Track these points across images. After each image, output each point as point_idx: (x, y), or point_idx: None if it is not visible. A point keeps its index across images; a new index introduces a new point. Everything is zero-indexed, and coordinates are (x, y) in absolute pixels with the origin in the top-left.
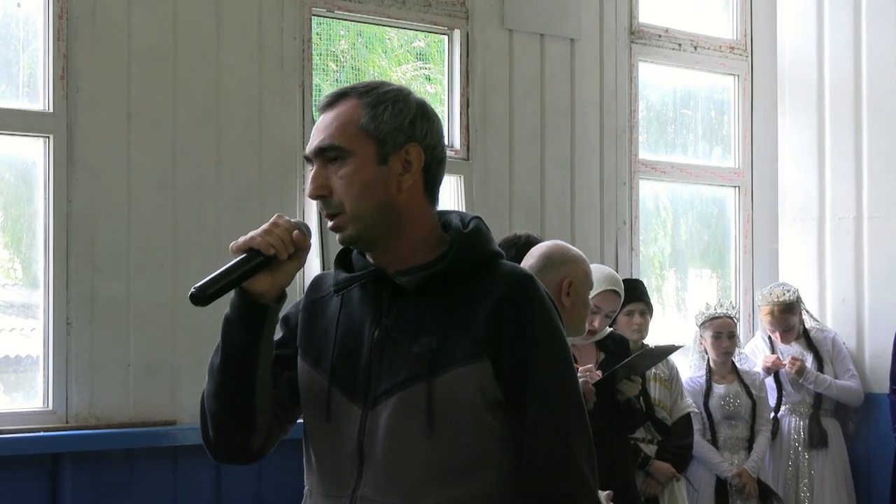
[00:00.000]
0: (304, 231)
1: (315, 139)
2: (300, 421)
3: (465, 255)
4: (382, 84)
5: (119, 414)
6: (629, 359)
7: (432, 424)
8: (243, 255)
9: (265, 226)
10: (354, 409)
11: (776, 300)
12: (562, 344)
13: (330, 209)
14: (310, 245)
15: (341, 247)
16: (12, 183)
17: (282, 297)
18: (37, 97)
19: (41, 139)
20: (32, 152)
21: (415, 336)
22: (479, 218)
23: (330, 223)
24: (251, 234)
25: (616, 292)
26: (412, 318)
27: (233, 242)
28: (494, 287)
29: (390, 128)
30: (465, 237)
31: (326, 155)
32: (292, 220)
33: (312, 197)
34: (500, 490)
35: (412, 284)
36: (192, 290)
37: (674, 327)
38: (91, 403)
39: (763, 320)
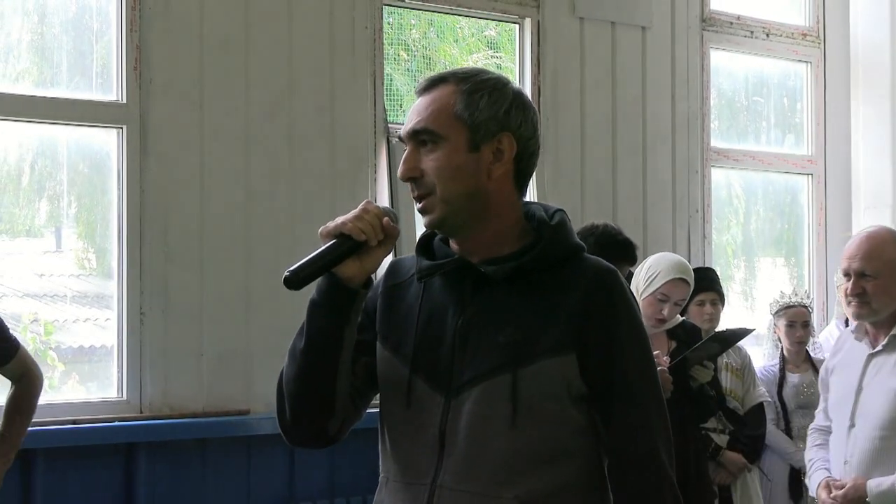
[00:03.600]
0: (394, 218)
1: (410, 121)
2: (374, 409)
3: (553, 248)
4: (482, 72)
5: (193, 404)
6: (700, 343)
7: (516, 415)
8: (334, 241)
9: (355, 211)
10: (436, 398)
11: None
12: (643, 338)
13: (420, 190)
14: (398, 232)
15: (420, 234)
16: (86, 173)
17: (368, 282)
18: (110, 88)
19: (114, 130)
20: (106, 143)
21: (500, 326)
22: (562, 211)
23: (418, 205)
24: (341, 219)
25: (685, 281)
26: (498, 308)
27: (322, 227)
28: (580, 281)
29: (485, 116)
30: (553, 229)
31: (420, 138)
32: (381, 206)
33: (403, 179)
34: (581, 482)
35: (500, 274)
36: (287, 273)
37: (742, 316)
38: (165, 393)
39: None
